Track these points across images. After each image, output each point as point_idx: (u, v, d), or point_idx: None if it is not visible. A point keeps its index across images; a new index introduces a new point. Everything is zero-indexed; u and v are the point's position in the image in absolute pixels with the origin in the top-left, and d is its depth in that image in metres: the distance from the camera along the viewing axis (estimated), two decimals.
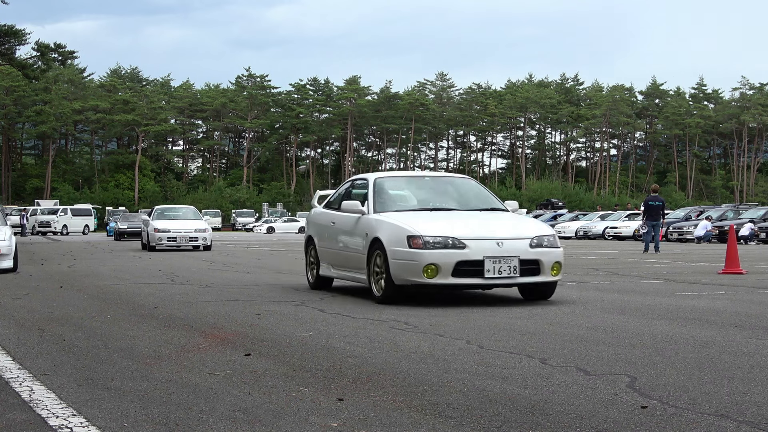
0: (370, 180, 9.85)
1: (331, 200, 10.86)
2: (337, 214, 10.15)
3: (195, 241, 25.08)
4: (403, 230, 8.48)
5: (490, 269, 8.28)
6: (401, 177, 10.69)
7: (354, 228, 9.50)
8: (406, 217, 8.87)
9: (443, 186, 10.34)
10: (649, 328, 6.76)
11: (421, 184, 10.35)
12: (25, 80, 66.28)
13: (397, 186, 10.17)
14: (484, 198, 10.00)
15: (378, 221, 8.99)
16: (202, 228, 25.50)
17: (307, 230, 11.22)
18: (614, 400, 4.11)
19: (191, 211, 28.35)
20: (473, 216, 9.22)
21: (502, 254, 8.32)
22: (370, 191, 9.60)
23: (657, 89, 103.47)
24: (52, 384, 4.65)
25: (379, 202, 9.45)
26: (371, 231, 8.98)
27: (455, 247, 8.26)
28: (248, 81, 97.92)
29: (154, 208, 28.40)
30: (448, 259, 8.21)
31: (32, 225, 52.86)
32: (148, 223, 26.07)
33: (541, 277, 8.57)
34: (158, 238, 24.81)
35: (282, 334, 6.51)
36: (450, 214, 9.27)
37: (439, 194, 10.00)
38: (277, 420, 3.80)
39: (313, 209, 11.39)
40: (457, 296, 9.60)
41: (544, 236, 8.67)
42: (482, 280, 8.33)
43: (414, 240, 8.30)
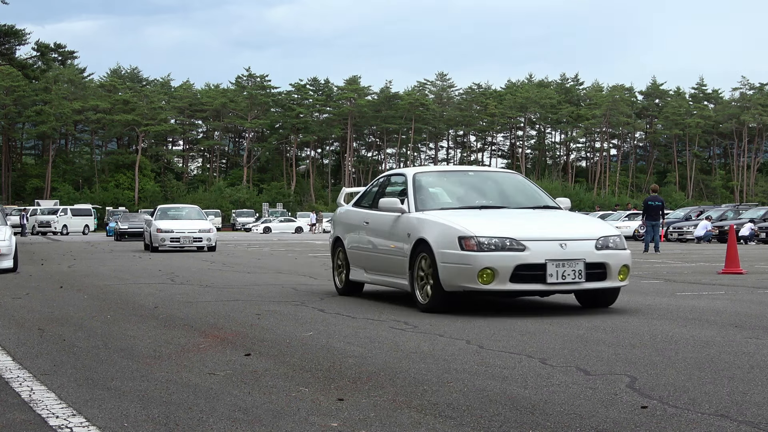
0: (409, 175, 9.02)
1: (362, 198, 10.08)
2: (371, 213, 9.35)
3: (199, 241, 24.38)
4: (453, 230, 7.67)
5: (553, 274, 7.47)
6: (442, 172, 9.90)
7: (393, 228, 8.69)
8: (455, 216, 8.06)
9: (488, 182, 9.54)
10: (649, 328, 6.76)
11: (464, 180, 9.52)
12: (25, 80, 66.30)
13: (439, 182, 9.36)
14: (534, 194, 9.20)
15: (422, 220, 8.18)
16: (207, 228, 24.83)
17: (334, 231, 10.36)
18: (614, 400, 4.11)
19: (195, 211, 27.59)
20: (527, 215, 8.48)
21: (566, 257, 7.53)
22: (410, 187, 8.77)
23: (657, 89, 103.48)
24: (52, 384, 4.65)
25: (420, 199, 8.63)
26: (414, 231, 8.17)
27: (514, 249, 7.46)
28: (248, 81, 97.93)
29: (157, 208, 27.56)
30: (506, 263, 7.40)
31: (32, 225, 52.86)
32: (150, 223, 25.43)
33: (608, 282, 7.78)
34: (161, 239, 24.16)
35: (282, 334, 6.51)
36: (501, 212, 8.48)
37: (485, 191, 9.23)
38: (277, 420, 3.80)
39: (340, 208, 10.57)
40: None
41: (610, 237, 7.90)
42: (544, 286, 7.52)
43: (466, 241, 7.51)
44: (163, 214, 26.19)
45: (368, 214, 9.43)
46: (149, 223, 25.70)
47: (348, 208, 10.24)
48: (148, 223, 26.17)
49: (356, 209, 9.93)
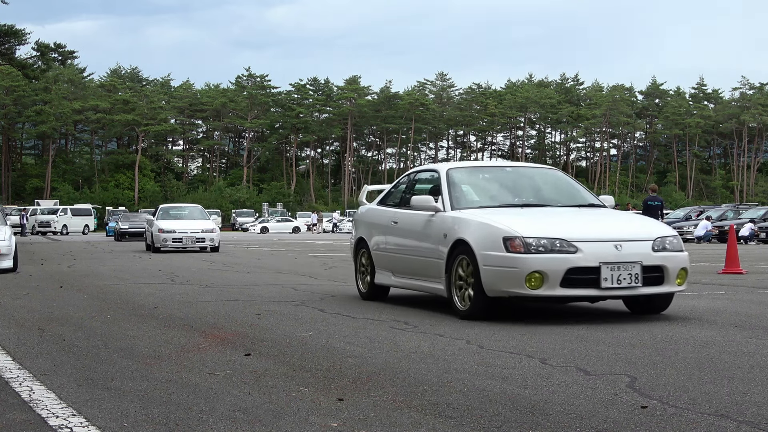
0: (442, 171, 8.40)
1: (387, 196, 9.48)
2: (400, 212, 8.75)
3: (202, 242, 23.80)
4: (497, 230, 7.07)
5: (608, 278, 6.90)
6: (478, 168, 9.22)
7: (426, 228, 8.06)
8: (496, 215, 7.47)
9: (526, 178, 8.89)
10: (649, 328, 6.76)
11: (501, 176, 8.89)
12: (25, 80, 66.34)
13: (474, 178, 8.72)
14: (576, 192, 8.61)
15: (460, 220, 7.57)
16: (210, 228, 24.27)
17: (356, 231, 9.73)
18: (614, 400, 4.11)
19: (198, 210, 26.95)
20: (574, 213, 7.91)
21: (621, 259, 6.96)
22: (444, 184, 8.14)
23: (657, 89, 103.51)
24: (52, 384, 4.65)
25: (455, 196, 8.03)
26: (452, 232, 7.55)
27: (564, 250, 6.88)
28: (248, 81, 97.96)
29: (159, 207, 26.94)
30: (556, 266, 6.82)
31: (32, 225, 52.86)
32: (152, 223, 24.89)
33: (666, 287, 7.21)
34: (163, 239, 23.58)
35: (282, 334, 6.51)
36: (545, 211, 7.93)
37: (524, 188, 8.59)
38: (277, 420, 3.80)
39: (362, 207, 9.96)
40: None
41: (667, 237, 7.33)
42: (598, 291, 6.95)
43: (512, 242, 6.91)
44: (165, 214, 25.59)
45: (396, 213, 8.83)
46: (151, 223, 25.17)
47: (372, 206, 9.65)
48: (149, 223, 25.64)
49: (382, 208, 9.34)
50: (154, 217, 25.50)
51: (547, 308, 8.30)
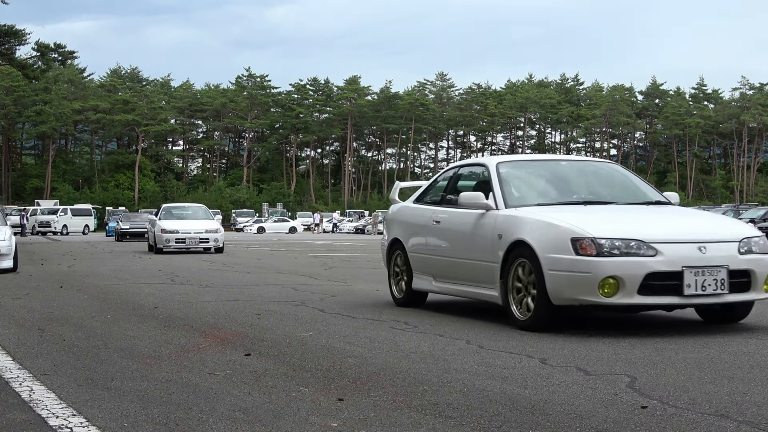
0: (491, 165, 7.65)
1: (425, 193, 8.76)
2: (443, 211, 8.03)
3: (206, 242, 23.06)
4: (563, 230, 6.36)
5: (691, 284, 6.16)
6: (530, 161, 8.52)
7: (476, 228, 7.30)
8: (561, 213, 6.75)
9: (584, 173, 8.17)
10: (649, 328, 6.76)
11: (557, 171, 8.07)
12: (25, 80, 66.28)
13: (527, 173, 7.96)
14: (639, 188, 7.88)
15: (517, 219, 6.84)
16: (214, 228, 23.52)
17: (390, 232, 9.02)
18: (614, 400, 4.11)
19: (201, 210, 26.10)
20: (645, 211, 7.16)
21: (706, 263, 6.23)
22: (495, 180, 7.41)
23: (657, 89, 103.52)
24: (52, 384, 4.65)
25: (509, 193, 7.29)
26: (508, 232, 6.82)
27: (642, 253, 6.16)
28: (248, 81, 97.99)
29: (162, 207, 26.16)
30: (634, 271, 6.10)
31: (32, 225, 52.84)
32: (154, 223, 24.14)
33: (753, 294, 6.47)
34: (165, 240, 22.84)
35: (282, 334, 6.51)
36: (611, 208, 7.21)
37: (582, 183, 7.90)
38: (277, 420, 3.80)
39: (395, 206, 9.22)
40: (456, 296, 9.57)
41: (753, 238, 6.57)
42: (679, 299, 6.23)
43: (582, 243, 6.19)
44: (168, 214, 24.88)
45: (438, 212, 8.08)
46: (153, 223, 24.51)
47: (407, 205, 8.89)
48: (152, 223, 24.99)
49: (421, 206, 8.58)
50: (157, 217, 24.89)
51: None
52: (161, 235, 22.99)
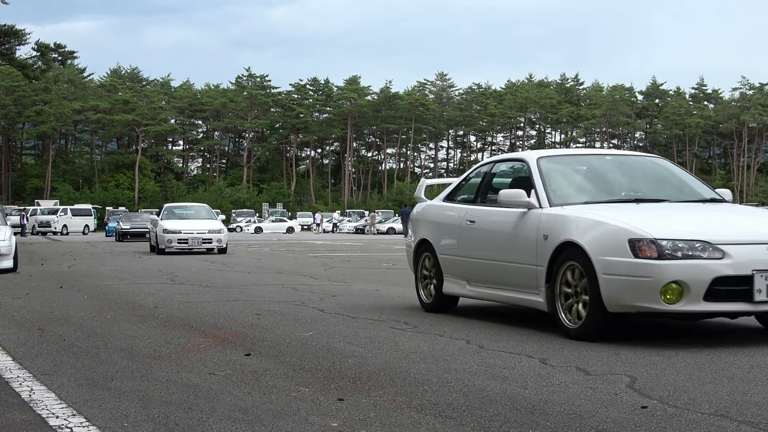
0: (531, 161, 7.13)
1: (456, 191, 8.23)
2: (478, 209, 7.51)
3: (209, 243, 22.51)
4: (620, 230, 5.84)
5: (762, 289, 5.66)
6: (572, 156, 7.99)
7: (518, 228, 6.79)
8: (613, 211, 6.24)
9: (631, 168, 7.63)
10: (649, 328, 6.76)
11: (601, 166, 7.56)
12: (25, 80, 66.33)
13: (571, 169, 7.43)
14: (692, 184, 7.35)
15: (565, 218, 6.33)
16: (217, 228, 22.87)
17: (417, 232, 8.46)
18: (614, 400, 4.11)
19: (204, 210, 25.52)
20: (703, 209, 6.68)
21: None
22: (536, 176, 6.90)
23: (657, 89, 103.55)
24: (52, 384, 4.65)
25: (553, 190, 6.77)
26: (554, 232, 6.32)
27: (708, 256, 5.65)
28: (248, 81, 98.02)
29: (164, 207, 25.60)
30: (700, 275, 5.58)
31: (32, 225, 52.84)
32: (156, 223, 23.53)
33: None
34: (167, 240, 22.32)
35: (282, 334, 6.51)
36: (666, 206, 6.72)
37: (630, 179, 7.37)
38: (277, 420, 3.80)
39: (422, 204, 8.71)
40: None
41: None
42: (749, 306, 5.71)
43: (641, 245, 5.68)
44: (170, 213, 24.33)
45: (473, 211, 7.55)
46: (155, 223, 23.91)
47: (436, 203, 8.40)
48: (153, 223, 24.39)
49: (452, 205, 8.07)
50: (159, 216, 24.32)
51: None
52: (163, 236, 22.49)
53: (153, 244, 23.89)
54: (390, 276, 13.34)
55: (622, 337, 6.19)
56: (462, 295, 7.78)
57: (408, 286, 11.06)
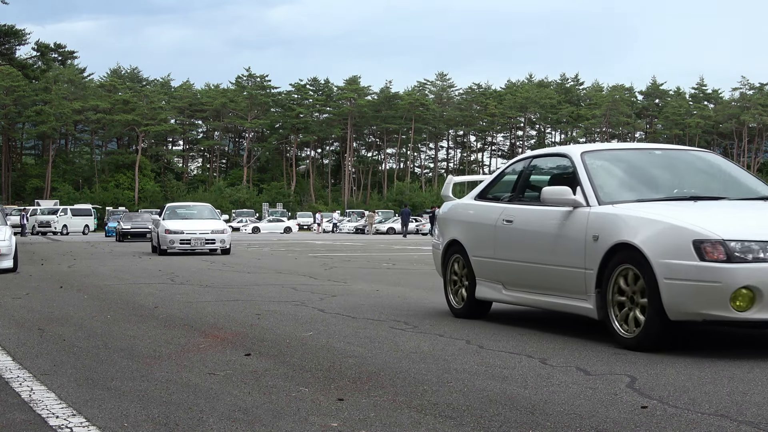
0: (575, 155, 6.64)
1: (490, 188, 7.71)
2: (516, 208, 7.01)
3: (212, 243, 21.96)
4: (682, 230, 5.37)
5: None
6: (619, 151, 7.28)
7: (562, 228, 6.31)
8: (673, 210, 5.75)
9: (682, 163, 7.09)
10: None
11: (650, 161, 6.98)
12: (25, 80, 66.32)
13: (618, 164, 6.85)
14: (744, 180, 6.87)
15: (617, 217, 5.84)
16: (220, 229, 22.39)
17: (446, 233, 7.94)
18: (614, 400, 4.11)
19: (207, 209, 24.99)
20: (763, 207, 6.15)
21: None
22: (582, 172, 6.42)
23: (657, 89, 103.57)
24: (52, 384, 4.65)
25: (600, 187, 6.28)
26: (606, 232, 5.82)
27: None
28: (248, 81, 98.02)
29: (166, 206, 25.00)
30: None
31: (32, 225, 52.85)
32: (158, 224, 23.00)
33: None
34: (170, 241, 21.82)
35: (282, 334, 6.51)
36: (727, 204, 6.25)
37: (682, 175, 6.91)
38: (277, 420, 3.80)
39: (450, 203, 8.19)
40: None
41: None
42: None
43: (707, 246, 5.21)
44: (173, 213, 23.79)
45: (510, 210, 7.05)
46: (157, 223, 23.36)
47: (468, 202, 7.86)
48: (155, 224, 23.84)
49: (485, 203, 7.54)
50: (161, 216, 23.76)
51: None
52: (165, 236, 21.97)
53: (155, 244, 23.42)
54: (390, 276, 13.34)
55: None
56: (497, 300, 7.29)
57: (407, 286, 11.07)
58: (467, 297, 7.54)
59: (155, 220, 24.27)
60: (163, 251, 22.01)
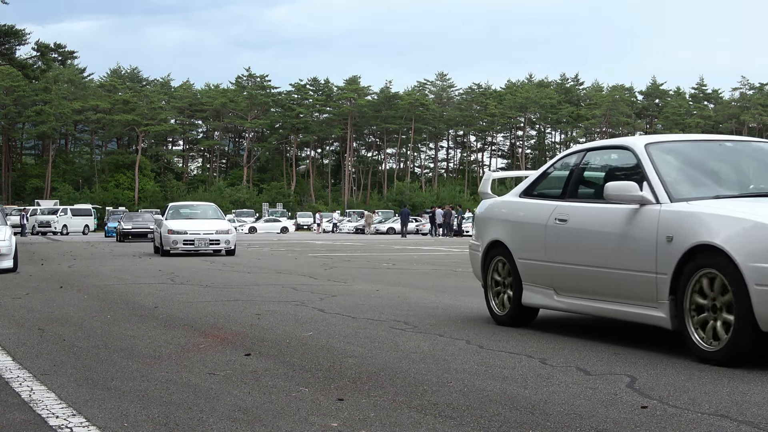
0: (638, 147, 6.05)
1: (536, 184, 7.16)
2: (571, 206, 6.43)
3: (216, 244, 21.43)
4: None
5: None
6: (686, 143, 6.57)
7: (628, 228, 5.70)
8: (760, 207, 5.16)
9: (757, 155, 6.49)
10: (650, 327, 6.75)
11: (722, 154, 6.40)
12: (25, 80, 66.32)
13: (687, 157, 6.22)
14: None
15: (694, 215, 5.26)
16: (225, 229, 21.79)
17: (486, 233, 7.35)
18: (614, 400, 4.11)
19: (211, 209, 24.44)
20: None
21: None
22: (648, 166, 5.83)
23: (657, 89, 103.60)
24: (52, 384, 4.65)
25: (670, 182, 5.70)
26: (682, 232, 5.26)
27: None
28: (248, 81, 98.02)
29: (169, 206, 24.25)
30: None
31: (32, 225, 52.85)
32: (161, 223, 22.35)
33: None
34: (173, 241, 21.16)
35: (282, 334, 6.51)
36: None
37: (757, 169, 6.35)
38: (277, 420, 3.80)
39: (490, 200, 7.62)
40: (454, 294, 9.59)
41: None
42: None
43: None
44: (176, 213, 23.19)
45: (564, 207, 6.47)
46: (159, 223, 22.73)
47: (512, 200, 7.28)
48: (158, 223, 23.18)
49: (533, 201, 6.98)
50: (164, 216, 23.04)
51: (545, 308, 8.25)
52: (168, 236, 21.34)
53: (157, 245, 22.90)
54: (390, 276, 13.34)
55: (622, 337, 6.20)
56: (547, 306, 6.68)
57: (407, 286, 11.07)
58: (512, 303, 6.94)
59: (158, 220, 23.58)
60: (166, 252, 21.50)
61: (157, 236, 22.86)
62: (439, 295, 9.70)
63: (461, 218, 48.40)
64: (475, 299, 9.19)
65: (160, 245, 22.01)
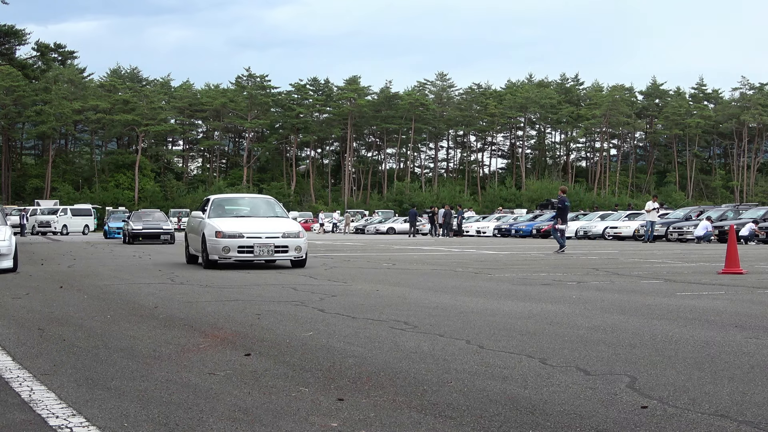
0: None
1: None
2: None
3: (284, 252, 15.43)
4: None
5: None
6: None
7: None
8: None
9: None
10: (649, 328, 6.75)
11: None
12: (25, 80, 66.34)
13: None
14: None
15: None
16: (294, 231, 15.68)
17: None
18: (614, 400, 4.11)
19: (264, 203, 17.61)
20: None
21: None
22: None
23: (657, 89, 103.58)
24: (52, 384, 4.65)
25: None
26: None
27: None
28: (248, 81, 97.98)
29: (211, 200, 17.31)
30: None
31: (32, 225, 52.85)
32: (202, 224, 16.09)
33: None
34: (223, 248, 15.09)
35: (282, 334, 6.51)
36: None
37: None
38: (277, 420, 3.80)
39: None
40: (454, 294, 9.59)
41: None
42: None
43: None
44: (220, 209, 16.85)
45: None
46: (199, 223, 16.42)
47: None
48: (195, 223, 16.89)
49: None
50: (204, 214, 16.64)
51: (546, 309, 8.26)
52: (217, 242, 15.20)
53: (193, 252, 16.96)
54: (390, 276, 13.34)
55: (622, 337, 6.20)
56: None
57: (407, 286, 11.06)
58: None
59: (196, 218, 17.04)
60: (212, 263, 15.41)
61: (194, 240, 16.85)
62: (439, 295, 9.70)
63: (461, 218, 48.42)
64: (475, 299, 9.21)
65: (202, 252, 15.85)
